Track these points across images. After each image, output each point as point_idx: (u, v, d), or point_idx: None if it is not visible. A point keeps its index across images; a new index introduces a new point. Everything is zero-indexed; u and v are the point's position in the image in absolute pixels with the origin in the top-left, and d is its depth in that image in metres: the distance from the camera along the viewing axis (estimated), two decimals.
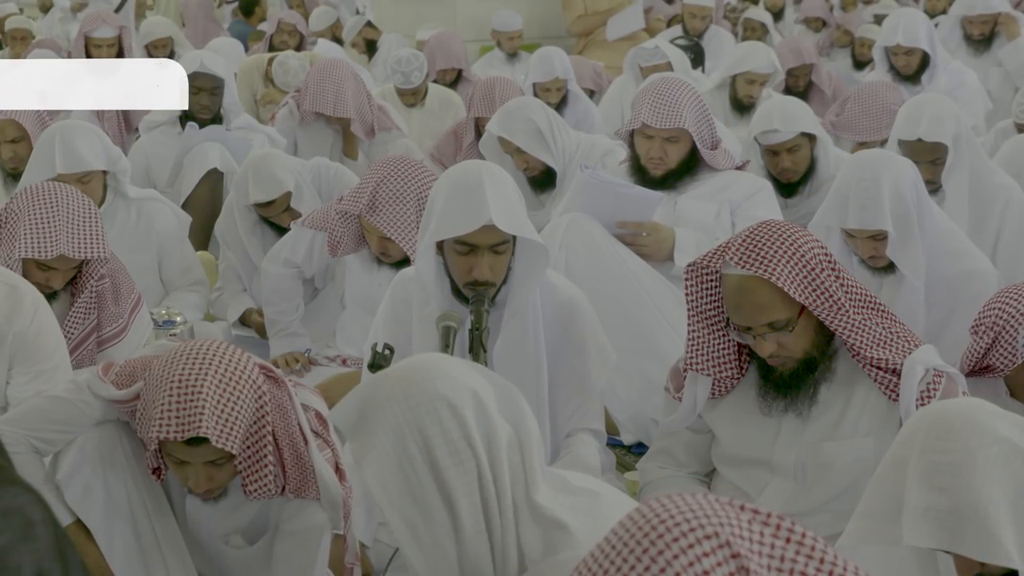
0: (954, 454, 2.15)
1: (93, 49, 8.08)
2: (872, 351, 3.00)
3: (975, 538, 2.10)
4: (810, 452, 3.11)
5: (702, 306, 3.13)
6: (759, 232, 3.02)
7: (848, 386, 3.09)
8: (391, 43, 10.34)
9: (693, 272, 3.12)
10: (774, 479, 3.15)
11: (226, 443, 2.72)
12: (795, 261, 2.96)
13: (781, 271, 2.94)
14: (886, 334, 3.04)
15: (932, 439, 2.19)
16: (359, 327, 4.46)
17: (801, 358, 3.05)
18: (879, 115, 6.16)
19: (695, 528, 1.56)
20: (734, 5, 12.75)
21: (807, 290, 2.96)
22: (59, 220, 3.87)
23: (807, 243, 3.01)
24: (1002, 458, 2.14)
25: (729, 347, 3.15)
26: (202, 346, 2.80)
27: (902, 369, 3.00)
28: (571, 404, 3.49)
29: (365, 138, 6.66)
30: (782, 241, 2.99)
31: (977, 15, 7.86)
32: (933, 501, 2.13)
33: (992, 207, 4.76)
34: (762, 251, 2.97)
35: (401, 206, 4.22)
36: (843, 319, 2.99)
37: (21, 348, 3.57)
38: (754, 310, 2.99)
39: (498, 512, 2.15)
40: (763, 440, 3.15)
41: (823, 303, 2.97)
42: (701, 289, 3.13)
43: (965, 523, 2.11)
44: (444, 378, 2.18)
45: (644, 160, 4.60)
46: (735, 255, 2.99)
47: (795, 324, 3.00)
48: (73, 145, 4.80)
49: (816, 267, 2.98)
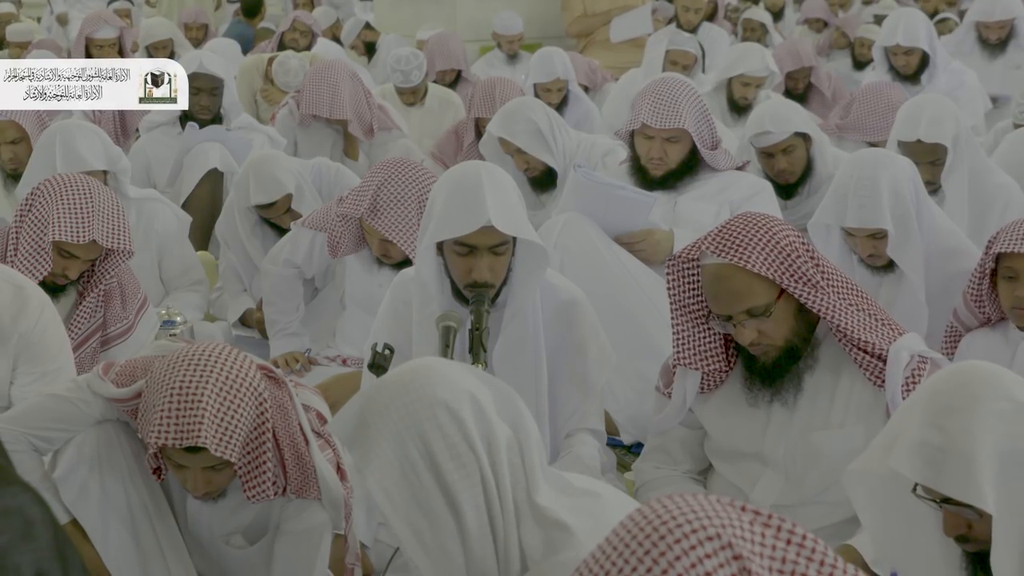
0: (962, 399, 2.23)
1: (94, 50, 8.09)
2: (859, 333, 3.01)
3: (955, 477, 2.18)
4: (800, 443, 3.12)
5: (685, 300, 3.15)
6: (736, 222, 3.05)
7: (833, 374, 3.10)
8: (390, 44, 10.34)
9: (674, 266, 3.14)
10: (766, 472, 3.16)
11: (225, 451, 2.72)
12: (770, 248, 2.98)
13: (755, 257, 2.97)
14: (870, 320, 3.05)
15: (948, 383, 2.29)
16: (359, 327, 4.46)
17: (782, 346, 3.06)
18: (885, 114, 6.15)
19: (697, 530, 1.56)
20: (735, 5, 12.76)
21: (780, 270, 2.98)
22: (93, 207, 3.92)
23: (783, 231, 3.03)
24: (1007, 414, 2.20)
25: (715, 340, 3.16)
26: (204, 351, 2.79)
27: (888, 355, 3.01)
28: (571, 404, 3.49)
29: (364, 138, 6.66)
30: (756, 229, 3.01)
31: (995, 21, 7.85)
32: (928, 437, 2.21)
33: (992, 207, 4.76)
34: (736, 239, 3.00)
35: (402, 209, 4.21)
36: (823, 299, 2.99)
37: (26, 349, 3.58)
38: (731, 297, 3.01)
39: (500, 513, 2.15)
40: (752, 432, 3.16)
41: (800, 284, 2.98)
42: (683, 283, 3.14)
43: (951, 462, 2.18)
44: (442, 382, 2.18)
45: (644, 160, 4.60)
46: (710, 245, 3.02)
47: (773, 309, 3.01)
48: (73, 145, 4.81)
49: (791, 253, 2.99)
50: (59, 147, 4.80)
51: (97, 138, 4.92)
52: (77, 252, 3.92)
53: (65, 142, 4.82)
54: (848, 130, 6.30)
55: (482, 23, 10.46)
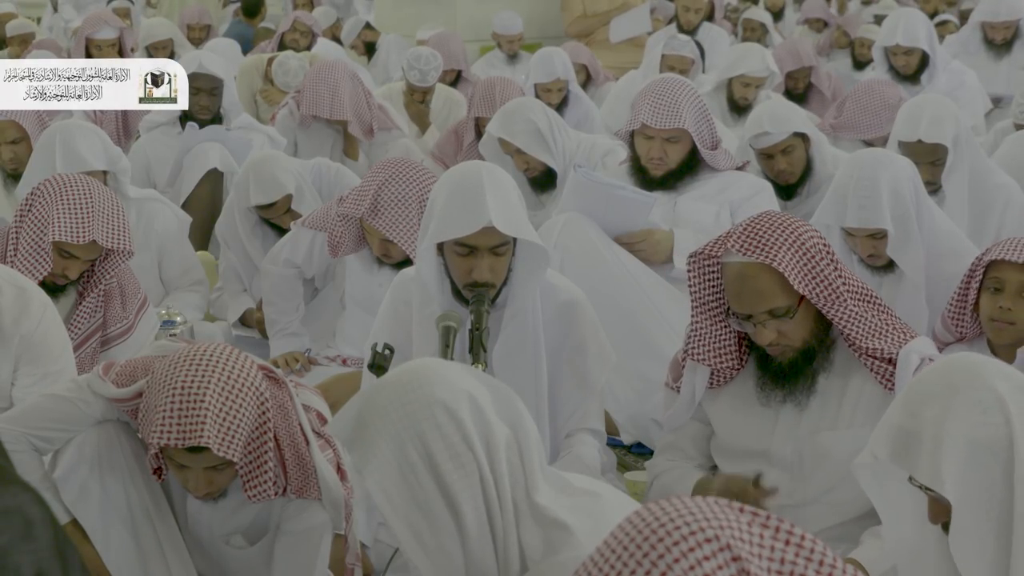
0: (941, 387, 2.28)
1: (94, 50, 8.09)
2: (868, 341, 3.02)
3: (919, 460, 2.24)
4: (807, 443, 3.12)
5: (705, 296, 3.14)
6: (761, 220, 3.04)
7: (844, 376, 3.11)
8: (390, 44, 10.35)
9: (695, 262, 3.13)
10: (771, 471, 3.16)
11: (227, 452, 2.72)
12: (796, 248, 2.98)
13: (783, 257, 2.96)
14: (882, 325, 3.05)
15: (933, 372, 2.37)
16: (359, 327, 4.46)
17: (800, 348, 3.06)
18: (879, 111, 6.15)
19: (695, 531, 1.56)
20: (735, 5, 12.76)
21: (807, 278, 2.98)
22: (93, 208, 3.93)
23: (807, 232, 3.03)
24: (982, 405, 2.24)
25: (730, 337, 3.16)
26: (205, 351, 2.80)
27: (898, 358, 3.01)
28: (571, 404, 3.49)
29: (364, 139, 6.66)
30: (783, 229, 3.00)
31: (1001, 21, 7.84)
32: (903, 421, 2.28)
33: (992, 207, 4.76)
34: (764, 238, 2.98)
35: (403, 209, 4.21)
36: (841, 309, 3.00)
37: (27, 350, 3.58)
38: (755, 297, 3.00)
39: (499, 513, 2.15)
40: (761, 431, 3.16)
41: (823, 292, 2.99)
42: (703, 279, 3.14)
43: (918, 446, 2.24)
44: (440, 383, 2.18)
45: (644, 160, 4.59)
46: (737, 242, 3.00)
47: (795, 312, 3.01)
48: (73, 145, 4.81)
49: (816, 256, 2.99)
50: (59, 147, 4.80)
51: (97, 138, 4.92)
52: (77, 252, 3.93)
53: (65, 142, 4.82)
54: (842, 129, 6.29)
55: (482, 23, 10.45)
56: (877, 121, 6.15)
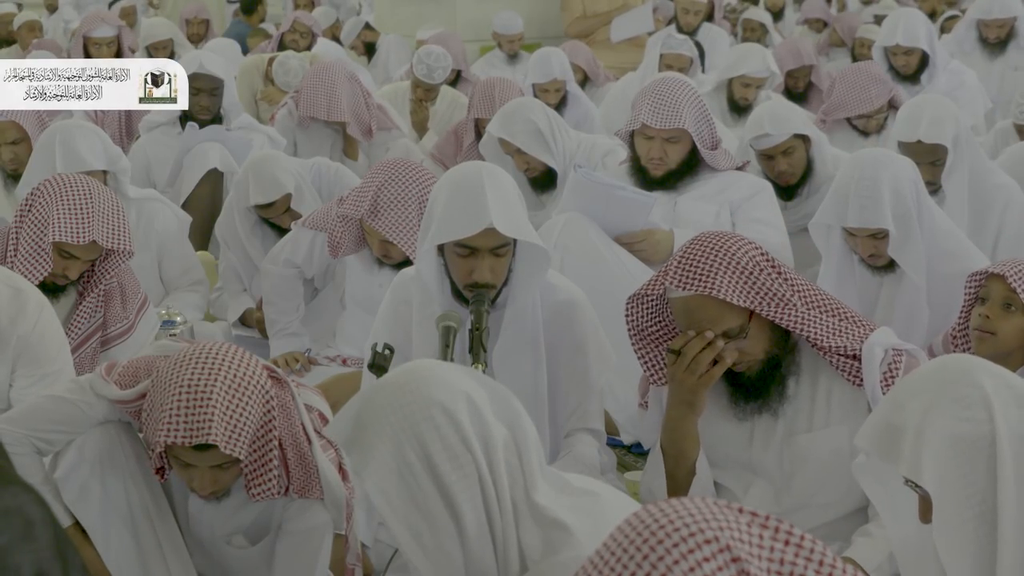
0: (929, 383, 2.30)
1: (92, 48, 8.09)
2: (829, 340, 3.02)
3: (901, 453, 2.27)
4: (786, 447, 3.13)
5: (645, 328, 3.15)
6: (692, 249, 3.02)
7: (812, 377, 3.11)
8: (390, 45, 10.35)
9: (633, 304, 3.13)
10: (757, 480, 3.16)
11: (234, 449, 2.72)
12: (732, 268, 2.97)
13: (720, 282, 2.96)
14: (839, 322, 3.05)
15: (925, 370, 2.40)
16: (359, 327, 4.46)
17: (764, 358, 3.07)
18: (867, 85, 6.13)
19: (695, 533, 1.56)
20: (734, 5, 12.75)
21: (751, 293, 2.98)
22: (93, 208, 3.92)
23: (742, 248, 3.02)
24: (966, 400, 2.25)
25: None
26: (211, 350, 2.80)
27: (861, 353, 3.01)
28: (571, 404, 3.49)
29: (363, 139, 6.66)
30: (716, 253, 2.99)
31: (994, 19, 7.84)
32: (889, 415, 2.31)
33: (992, 207, 4.76)
34: (698, 268, 2.98)
35: (403, 210, 4.22)
36: (793, 314, 3.00)
37: (24, 351, 3.58)
38: (705, 326, 3.00)
39: (499, 514, 2.15)
40: (739, 444, 3.17)
41: (770, 303, 2.99)
42: (638, 316, 3.15)
43: (900, 439, 2.27)
44: (437, 384, 2.18)
45: (644, 160, 4.60)
46: (674, 278, 3.00)
47: (748, 329, 3.01)
48: (73, 145, 4.81)
49: (755, 270, 2.99)
50: (59, 147, 4.80)
51: (97, 138, 4.92)
52: (77, 252, 3.93)
53: (65, 142, 4.82)
54: (832, 111, 6.24)
55: (482, 23, 10.45)
56: (866, 96, 6.12)
